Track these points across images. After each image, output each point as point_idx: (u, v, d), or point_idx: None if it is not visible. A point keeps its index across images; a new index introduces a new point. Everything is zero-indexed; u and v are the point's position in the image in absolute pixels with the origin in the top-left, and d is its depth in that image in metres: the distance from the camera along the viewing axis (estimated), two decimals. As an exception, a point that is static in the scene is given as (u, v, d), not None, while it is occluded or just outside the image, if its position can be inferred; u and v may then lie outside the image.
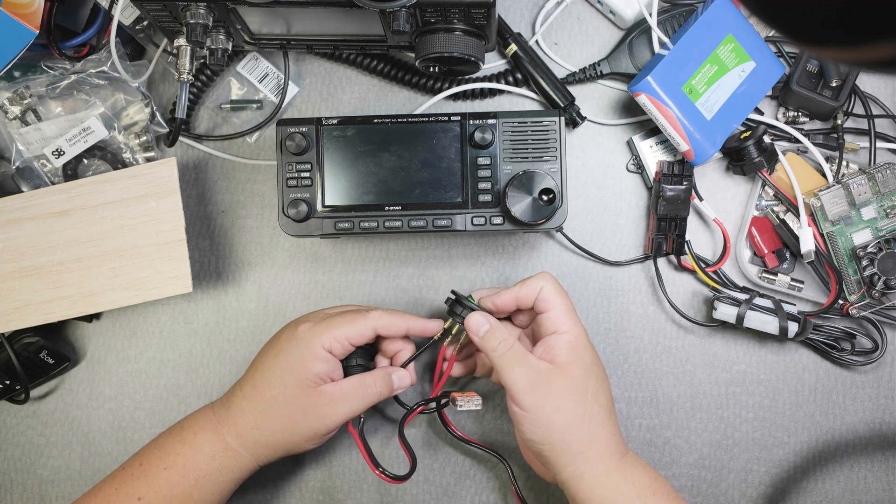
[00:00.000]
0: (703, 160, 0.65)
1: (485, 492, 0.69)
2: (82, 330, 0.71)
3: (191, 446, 0.60)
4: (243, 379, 0.62)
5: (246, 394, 0.60)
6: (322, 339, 0.58)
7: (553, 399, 0.56)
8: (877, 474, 0.68)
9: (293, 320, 0.63)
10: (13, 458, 0.70)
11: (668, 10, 0.68)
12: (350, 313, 0.60)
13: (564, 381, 0.56)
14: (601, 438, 0.57)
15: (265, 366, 0.60)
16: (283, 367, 0.59)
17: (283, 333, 0.61)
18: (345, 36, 0.64)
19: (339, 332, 0.58)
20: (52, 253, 0.64)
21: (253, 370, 0.61)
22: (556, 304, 0.58)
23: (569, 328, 0.58)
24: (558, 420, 0.56)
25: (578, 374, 0.57)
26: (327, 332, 0.58)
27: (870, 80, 0.69)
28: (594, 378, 0.57)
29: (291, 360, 0.58)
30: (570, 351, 0.57)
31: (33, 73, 0.66)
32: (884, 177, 0.65)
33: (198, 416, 0.62)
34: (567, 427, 0.56)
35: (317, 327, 0.59)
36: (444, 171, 0.61)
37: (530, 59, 0.68)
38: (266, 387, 0.59)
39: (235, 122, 0.71)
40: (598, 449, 0.56)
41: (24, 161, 0.66)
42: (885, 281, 0.63)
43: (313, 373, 0.58)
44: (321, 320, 0.60)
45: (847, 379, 0.69)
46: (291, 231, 0.61)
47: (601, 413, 0.57)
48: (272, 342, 0.62)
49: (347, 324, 0.59)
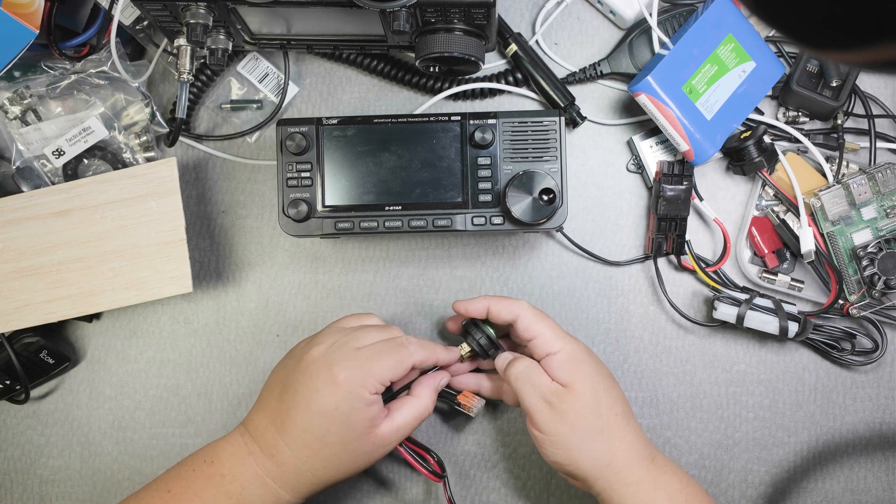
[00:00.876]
0: (703, 160, 0.65)
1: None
2: (82, 330, 0.71)
3: (229, 496, 0.56)
4: (285, 427, 0.56)
5: (299, 454, 0.56)
6: (368, 386, 0.55)
7: (567, 419, 0.56)
8: (877, 474, 0.68)
9: (321, 358, 0.56)
10: (13, 458, 0.70)
11: (668, 10, 0.68)
12: (386, 350, 0.57)
13: (573, 399, 0.56)
14: (624, 448, 0.57)
15: (313, 424, 0.55)
16: (337, 426, 0.55)
17: (317, 381, 0.55)
18: (345, 36, 0.64)
19: (382, 376, 0.56)
20: (52, 253, 0.64)
21: (295, 422, 0.56)
22: (540, 330, 0.59)
23: (560, 347, 0.58)
24: (576, 439, 0.56)
25: (585, 389, 0.57)
26: (370, 378, 0.55)
27: (870, 80, 0.69)
28: (603, 388, 0.57)
29: (344, 417, 0.55)
30: (570, 368, 0.57)
31: (33, 73, 0.66)
32: (884, 177, 0.65)
33: (238, 461, 0.57)
34: (586, 444, 0.56)
35: (358, 375, 0.55)
36: (444, 171, 0.61)
37: (530, 59, 0.68)
38: (323, 446, 0.55)
39: (235, 122, 0.71)
40: (624, 458, 0.56)
41: (24, 161, 0.66)
42: (885, 281, 0.63)
43: (370, 420, 0.55)
44: (360, 364, 0.55)
45: (847, 379, 0.69)
46: (291, 231, 0.61)
47: (619, 422, 0.57)
48: (308, 393, 0.55)
49: (389, 368, 0.56)
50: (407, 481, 0.69)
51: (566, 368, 0.57)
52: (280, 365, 0.61)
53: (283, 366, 0.60)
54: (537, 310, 0.60)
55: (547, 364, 0.58)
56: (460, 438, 0.69)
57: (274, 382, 0.60)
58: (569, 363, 0.57)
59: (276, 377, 0.60)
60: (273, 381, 0.60)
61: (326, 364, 0.56)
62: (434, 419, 0.69)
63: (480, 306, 0.61)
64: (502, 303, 0.60)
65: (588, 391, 0.57)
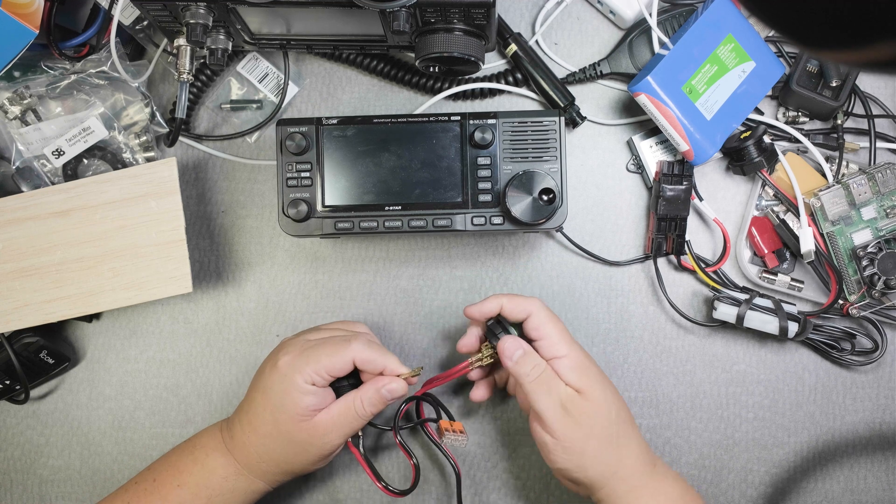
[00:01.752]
0: (703, 160, 0.65)
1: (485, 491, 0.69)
2: (82, 330, 0.71)
3: (203, 466, 0.60)
4: (241, 412, 0.61)
5: (244, 429, 0.60)
6: (304, 374, 0.57)
7: (582, 425, 0.56)
8: (877, 474, 0.68)
9: (276, 349, 0.61)
10: (13, 458, 0.70)
11: (668, 10, 0.68)
12: (330, 342, 0.59)
13: (589, 405, 0.56)
14: (630, 456, 0.57)
15: (255, 403, 0.59)
16: (271, 405, 0.58)
17: (266, 366, 0.60)
18: (345, 36, 0.64)
19: (319, 365, 0.57)
20: (52, 253, 0.64)
21: (247, 405, 0.60)
22: (550, 331, 0.58)
23: (567, 351, 0.58)
24: (589, 447, 0.56)
25: (598, 395, 0.57)
26: (307, 366, 0.57)
27: (870, 80, 0.68)
28: (611, 396, 0.58)
29: (278, 398, 0.58)
30: (581, 374, 0.57)
31: (33, 73, 0.66)
32: (884, 177, 0.65)
33: (209, 437, 0.62)
34: (598, 452, 0.56)
35: (297, 361, 0.58)
36: (444, 171, 0.61)
37: (530, 59, 0.68)
38: (259, 424, 0.59)
39: (235, 122, 0.71)
40: (630, 465, 0.57)
41: (24, 161, 0.66)
42: (885, 281, 0.63)
43: (302, 407, 0.57)
44: (301, 352, 0.58)
45: (847, 379, 0.69)
46: (291, 231, 0.61)
47: (627, 430, 0.57)
48: (259, 377, 0.60)
49: (326, 356, 0.57)
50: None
51: (577, 374, 0.57)
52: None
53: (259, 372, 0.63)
54: (549, 310, 0.60)
55: (555, 367, 0.58)
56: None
57: (251, 386, 0.63)
58: (578, 369, 0.57)
59: (253, 382, 0.63)
60: (250, 387, 0.63)
61: (276, 353, 0.60)
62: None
63: (494, 304, 0.60)
64: (515, 300, 0.59)
65: (601, 398, 0.57)
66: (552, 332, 0.58)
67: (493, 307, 0.60)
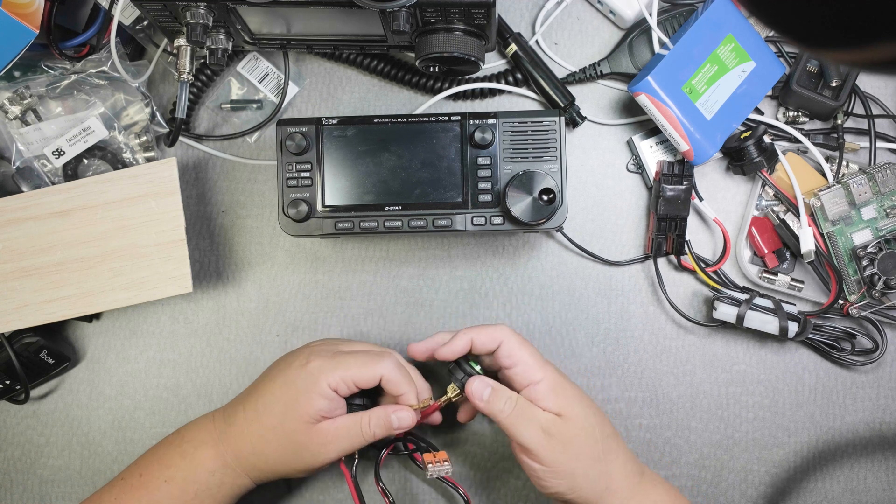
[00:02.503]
0: (703, 160, 0.65)
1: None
2: (82, 330, 0.71)
3: (191, 460, 0.59)
4: (248, 396, 0.60)
5: (248, 415, 0.59)
6: (330, 378, 0.57)
7: (568, 447, 0.56)
8: (877, 474, 0.68)
9: (305, 348, 0.61)
10: (13, 458, 0.70)
11: (668, 10, 0.68)
12: (363, 355, 0.59)
13: (570, 426, 0.56)
14: (618, 469, 0.57)
15: (270, 391, 0.59)
16: (287, 399, 0.58)
17: (294, 361, 0.59)
18: (345, 36, 0.64)
19: (348, 374, 0.57)
20: (52, 253, 0.64)
21: (258, 391, 0.60)
22: (523, 357, 0.57)
23: (542, 375, 0.57)
24: (578, 467, 0.56)
25: (579, 414, 0.57)
26: (336, 371, 0.57)
27: (870, 80, 0.68)
28: (591, 413, 0.58)
29: (296, 394, 0.57)
30: (557, 396, 0.57)
31: (33, 73, 0.66)
32: (884, 177, 0.65)
33: (199, 428, 0.61)
34: (588, 470, 0.56)
35: (327, 364, 0.58)
36: (444, 171, 0.61)
37: (530, 59, 0.68)
38: (267, 414, 0.58)
39: (235, 122, 0.71)
40: (618, 480, 0.57)
41: (24, 161, 0.66)
42: (885, 281, 0.63)
43: (315, 409, 0.57)
44: (333, 356, 0.58)
45: (847, 379, 0.69)
46: (291, 231, 0.61)
47: (612, 445, 0.57)
48: (282, 368, 0.60)
49: (357, 367, 0.58)
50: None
51: (554, 395, 0.57)
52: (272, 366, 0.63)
53: (273, 366, 0.63)
54: (518, 335, 0.59)
55: (532, 394, 0.57)
56: (461, 439, 0.69)
57: (260, 379, 0.62)
58: (555, 390, 0.57)
59: (265, 375, 0.62)
60: (260, 380, 0.62)
61: (308, 352, 0.60)
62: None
63: (464, 341, 0.59)
64: (483, 331, 0.59)
65: (581, 416, 0.56)
66: (525, 357, 0.57)
67: (463, 345, 0.59)
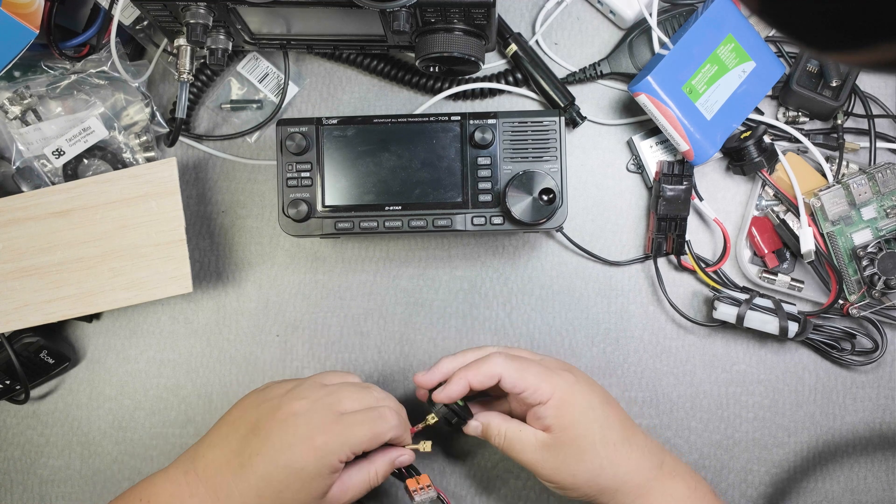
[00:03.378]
0: (703, 160, 0.65)
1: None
2: (82, 330, 0.71)
3: None
4: (244, 482, 0.54)
5: (247, 497, 0.54)
6: (341, 455, 0.54)
7: (567, 466, 0.56)
8: (877, 474, 0.69)
9: (302, 413, 0.54)
10: (13, 458, 0.70)
11: (668, 10, 0.68)
12: (366, 418, 0.55)
13: (566, 446, 0.56)
14: (630, 470, 0.57)
15: (277, 479, 0.53)
16: (300, 484, 0.53)
17: (295, 436, 0.53)
18: (345, 36, 0.64)
19: (359, 446, 0.54)
20: (52, 253, 0.64)
21: (260, 477, 0.53)
22: (526, 383, 0.56)
23: (549, 394, 0.56)
24: (580, 480, 0.56)
25: (577, 432, 0.56)
26: (346, 446, 0.54)
27: (870, 80, 0.69)
28: (595, 423, 0.56)
29: (309, 478, 0.53)
30: (560, 414, 0.56)
31: (33, 73, 0.66)
32: (884, 177, 0.65)
33: (166, 487, 0.55)
34: (593, 479, 0.56)
35: (336, 440, 0.53)
36: (444, 171, 0.61)
37: (530, 59, 0.68)
38: (276, 500, 0.54)
39: (235, 122, 0.71)
40: (631, 478, 0.57)
41: (24, 161, 0.66)
42: (885, 281, 0.63)
43: (327, 485, 0.54)
44: (335, 425, 0.54)
45: (847, 379, 0.69)
46: (291, 231, 0.61)
47: (618, 450, 0.57)
48: (286, 449, 0.53)
49: (366, 440, 0.55)
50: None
51: (556, 415, 0.56)
52: (249, 404, 0.58)
53: (253, 407, 0.57)
54: (514, 358, 0.57)
55: (537, 413, 0.57)
56: (460, 439, 0.69)
57: (240, 421, 0.56)
58: (558, 409, 0.56)
59: (244, 417, 0.56)
60: (239, 420, 0.57)
61: (307, 422, 0.54)
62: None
63: (462, 385, 0.57)
64: (479, 371, 0.57)
65: (579, 434, 0.56)
66: (528, 382, 0.56)
67: (460, 390, 0.57)
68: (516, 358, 0.58)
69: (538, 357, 0.61)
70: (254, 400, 0.58)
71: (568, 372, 0.58)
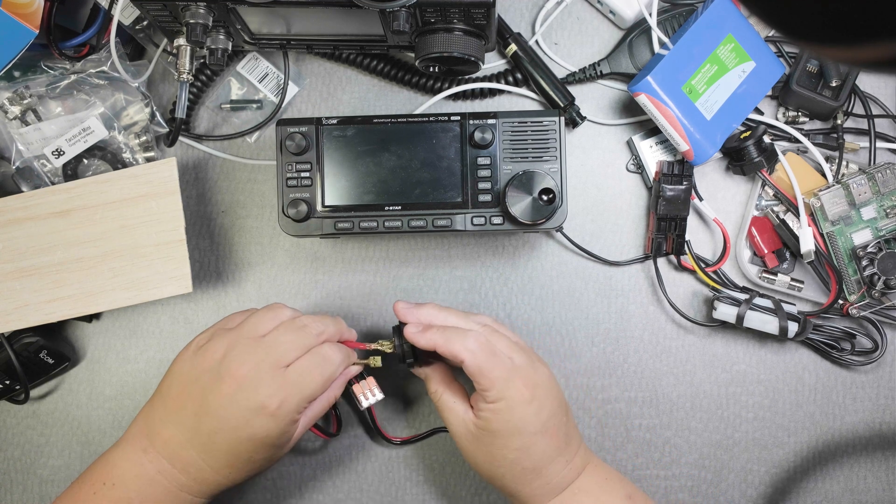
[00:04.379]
0: (703, 160, 0.65)
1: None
2: (82, 330, 0.71)
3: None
4: (213, 457, 0.54)
5: (221, 472, 0.55)
6: (300, 409, 0.54)
7: (479, 455, 0.58)
8: (877, 474, 0.68)
9: (246, 381, 0.53)
10: (13, 458, 0.70)
11: (668, 10, 0.68)
12: (311, 364, 0.55)
13: (482, 443, 0.57)
14: (535, 490, 0.57)
15: (245, 449, 0.54)
16: (268, 447, 0.54)
17: (248, 410, 0.52)
18: (345, 36, 0.64)
19: (314, 394, 0.55)
20: (52, 253, 0.64)
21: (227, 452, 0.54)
22: (482, 377, 0.55)
23: (496, 398, 0.55)
24: (483, 471, 0.58)
25: (497, 441, 0.56)
26: (304, 400, 0.54)
27: (870, 80, 0.69)
28: (520, 445, 0.56)
29: (275, 440, 0.54)
30: (494, 418, 0.55)
31: (33, 73, 0.66)
32: (884, 177, 0.65)
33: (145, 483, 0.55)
34: (492, 481, 0.59)
35: (292, 400, 0.53)
36: (444, 171, 0.61)
37: (530, 59, 0.68)
38: (248, 464, 0.55)
39: (235, 122, 0.71)
40: (540, 495, 0.57)
41: (24, 161, 0.66)
42: (885, 281, 0.63)
43: (293, 433, 0.56)
44: (287, 386, 0.53)
45: (847, 379, 0.69)
46: (291, 231, 0.61)
47: (524, 475, 0.57)
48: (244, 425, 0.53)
49: (319, 386, 0.55)
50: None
51: (489, 416, 0.56)
52: (187, 374, 0.55)
53: (192, 378, 0.55)
54: (487, 350, 0.56)
55: (477, 401, 0.57)
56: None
57: (185, 396, 0.55)
58: (494, 413, 0.55)
59: (188, 391, 0.55)
60: (183, 395, 0.55)
61: (256, 390, 0.52)
62: (433, 412, 0.69)
63: (428, 346, 0.57)
64: (450, 345, 0.56)
65: (497, 444, 0.56)
66: (485, 377, 0.55)
67: (427, 346, 0.57)
68: (488, 350, 0.56)
69: (516, 352, 0.57)
70: (190, 368, 0.55)
71: (527, 388, 0.56)
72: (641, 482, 0.69)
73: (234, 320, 0.58)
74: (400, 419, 0.69)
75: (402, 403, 0.69)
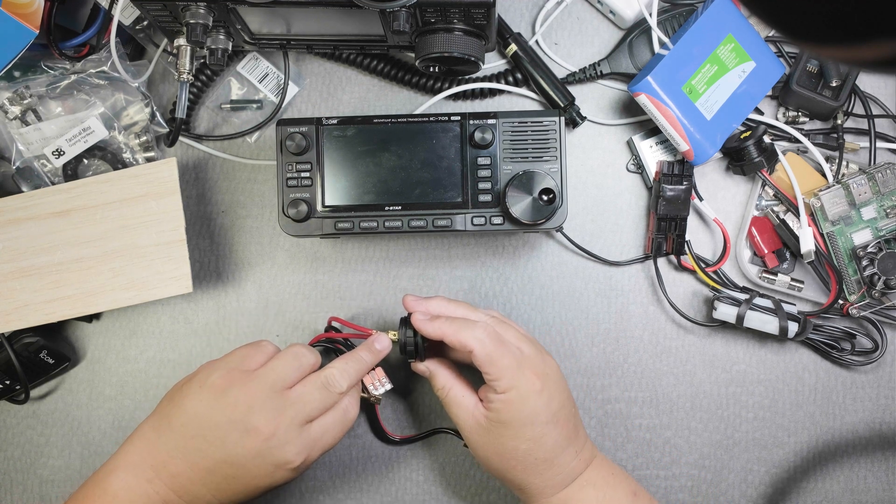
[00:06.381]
0: (703, 160, 0.65)
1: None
2: (82, 330, 0.71)
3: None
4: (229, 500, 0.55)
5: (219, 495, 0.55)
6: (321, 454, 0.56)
7: (490, 448, 0.57)
8: (877, 474, 0.68)
9: (274, 440, 0.53)
10: (13, 458, 0.70)
11: (668, 10, 0.68)
12: (331, 422, 0.56)
13: (492, 435, 0.57)
14: (534, 484, 0.57)
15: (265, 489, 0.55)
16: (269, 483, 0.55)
17: (271, 465, 0.54)
18: (345, 36, 0.64)
19: (334, 444, 0.57)
20: (52, 253, 0.64)
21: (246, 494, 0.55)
22: (491, 368, 0.55)
23: (506, 388, 0.55)
24: (493, 466, 0.58)
25: (508, 432, 0.56)
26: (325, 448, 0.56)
27: (870, 79, 0.69)
28: (532, 435, 0.56)
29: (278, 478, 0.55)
30: (505, 409, 0.56)
31: (33, 73, 0.66)
32: (884, 177, 0.65)
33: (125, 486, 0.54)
34: (501, 474, 0.58)
35: (313, 455, 0.55)
36: (444, 171, 0.61)
37: (530, 59, 0.68)
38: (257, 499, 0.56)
39: (235, 122, 0.71)
40: (550, 487, 0.58)
41: (24, 161, 0.66)
42: (885, 281, 0.63)
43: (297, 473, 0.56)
44: (308, 446, 0.54)
45: (847, 379, 0.69)
46: (291, 231, 0.61)
47: (537, 465, 0.57)
48: (265, 478, 0.54)
49: (336, 440, 0.57)
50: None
51: (500, 407, 0.56)
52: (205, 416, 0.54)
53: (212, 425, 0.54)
54: (495, 339, 0.56)
55: (486, 393, 0.57)
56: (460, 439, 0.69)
57: (202, 439, 0.54)
58: (504, 404, 0.55)
59: (208, 435, 0.54)
60: (200, 437, 0.54)
61: (280, 448, 0.53)
62: (433, 412, 0.69)
63: (436, 336, 0.57)
64: (459, 336, 0.56)
65: (509, 435, 0.56)
66: (494, 368, 0.55)
67: (434, 335, 0.57)
68: (497, 339, 0.56)
69: (524, 343, 0.58)
70: (208, 411, 0.54)
71: (537, 377, 0.56)
72: (641, 482, 0.68)
73: (251, 359, 0.57)
74: (400, 419, 0.69)
75: (403, 404, 0.69)
